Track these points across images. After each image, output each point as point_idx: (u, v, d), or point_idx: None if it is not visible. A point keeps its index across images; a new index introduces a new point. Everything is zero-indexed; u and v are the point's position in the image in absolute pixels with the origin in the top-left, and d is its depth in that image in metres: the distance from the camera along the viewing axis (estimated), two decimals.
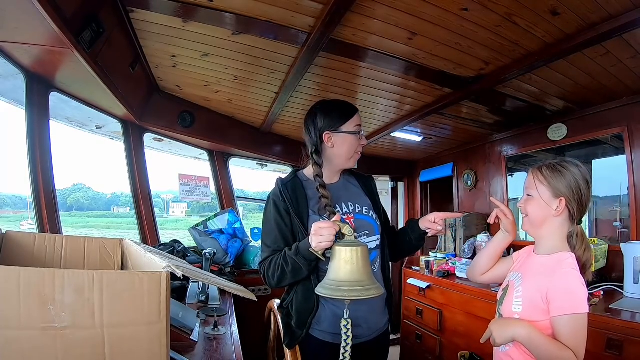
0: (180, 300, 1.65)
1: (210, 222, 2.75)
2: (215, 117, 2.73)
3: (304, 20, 1.48)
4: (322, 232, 0.97)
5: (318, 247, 0.98)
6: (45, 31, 1.26)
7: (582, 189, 0.99)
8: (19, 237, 1.09)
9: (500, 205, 1.14)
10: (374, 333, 1.19)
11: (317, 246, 0.98)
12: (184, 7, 1.44)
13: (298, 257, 1.04)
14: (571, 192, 0.99)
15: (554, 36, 1.48)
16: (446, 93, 2.12)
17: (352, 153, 1.21)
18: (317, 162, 1.19)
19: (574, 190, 0.99)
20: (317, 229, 0.97)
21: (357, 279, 0.91)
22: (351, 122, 1.20)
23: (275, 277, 1.10)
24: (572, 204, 0.99)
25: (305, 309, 1.13)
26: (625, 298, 1.74)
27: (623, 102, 2.05)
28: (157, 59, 1.97)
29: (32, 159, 1.75)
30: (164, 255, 1.08)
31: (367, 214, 1.23)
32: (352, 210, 1.20)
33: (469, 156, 3.23)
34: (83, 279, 0.63)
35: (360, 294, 0.89)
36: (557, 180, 1.00)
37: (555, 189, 1.00)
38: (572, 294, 0.91)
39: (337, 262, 0.94)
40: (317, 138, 1.19)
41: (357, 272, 0.92)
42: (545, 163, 1.05)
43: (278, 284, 1.12)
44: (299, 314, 1.14)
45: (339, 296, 0.90)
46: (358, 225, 1.18)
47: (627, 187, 2.08)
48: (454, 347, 2.26)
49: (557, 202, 1.00)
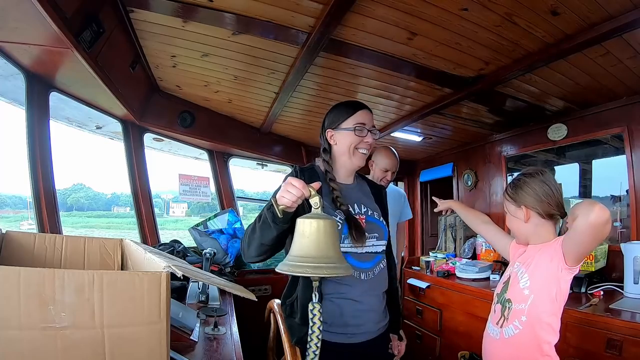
0: (180, 300, 1.65)
1: (210, 222, 2.75)
2: (215, 117, 2.73)
3: (304, 20, 1.48)
4: (289, 189, 0.89)
5: (279, 201, 0.91)
6: (45, 31, 1.26)
7: (538, 191, 1.15)
8: (19, 237, 1.09)
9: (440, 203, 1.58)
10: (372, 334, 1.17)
11: (279, 199, 0.91)
12: (184, 7, 1.44)
13: (268, 210, 0.97)
14: (530, 198, 1.16)
15: (554, 36, 1.48)
16: (446, 93, 2.12)
17: (351, 150, 1.19)
18: (325, 159, 1.21)
19: (532, 196, 1.16)
20: (288, 183, 0.90)
21: (323, 255, 0.82)
22: (352, 118, 1.19)
23: (247, 236, 1.06)
24: (536, 205, 1.15)
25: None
26: (625, 298, 1.74)
27: (623, 102, 2.05)
28: (157, 59, 1.97)
29: (32, 159, 1.75)
30: (164, 255, 1.08)
31: (379, 218, 1.23)
32: (364, 212, 1.20)
33: (469, 156, 3.23)
34: (83, 279, 0.63)
35: (326, 272, 0.81)
36: (517, 193, 1.19)
37: (517, 201, 1.19)
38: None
39: (300, 236, 0.85)
40: (324, 137, 1.23)
41: (323, 247, 0.83)
42: (509, 184, 1.26)
43: (249, 244, 1.06)
44: (304, 308, 1.08)
45: (300, 272, 0.82)
46: (369, 228, 1.16)
47: (627, 187, 2.08)
48: (454, 347, 2.26)
49: (521, 211, 1.18)
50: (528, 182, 1.18)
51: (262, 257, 1.08)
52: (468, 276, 2.36)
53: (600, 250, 2.01)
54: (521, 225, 1.20)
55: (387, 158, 2.16)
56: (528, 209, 1.17)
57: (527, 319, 1.10)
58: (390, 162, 2.17)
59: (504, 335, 1.14)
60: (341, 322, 1.10)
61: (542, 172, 1.18)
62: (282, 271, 0.83)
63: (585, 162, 2.45)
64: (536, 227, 1.18)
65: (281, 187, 0.92)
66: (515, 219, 1.22)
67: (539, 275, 1.12)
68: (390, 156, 2.17)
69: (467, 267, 2.40)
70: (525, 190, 1.18)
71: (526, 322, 1.10)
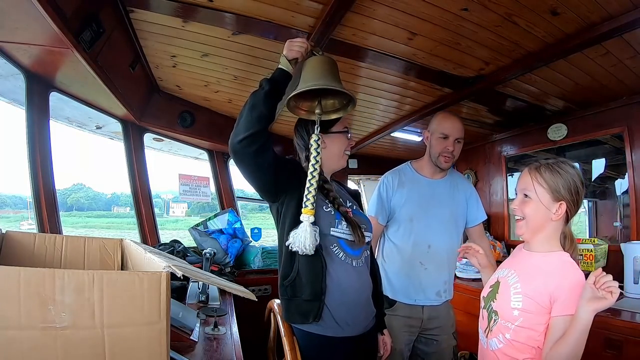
0: (180, 300, 1.65)
1: (210, 222, 2.75)
2: (215, 117, 2.73)
3: (304, 20, 1.48)
4: (294, 43, 1.09)
5: (289, 55, 1.08)
6: (45, 31, 1.26)
7: (579, 191, 0.98)
8: (19, 237, 1.09)
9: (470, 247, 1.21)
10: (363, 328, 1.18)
11: (288, 53, 1.08)
12: (184, 7, 1.44)
13: (266, 81, 1.06)
14: (570, 195, 0.97)
15: (554, 36, 1.48)
16: (446, 93, 2.12)
17: (342, 153, 1.24)
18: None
19: (573, 193, 0.97)
20: (290, 42, 1.10)
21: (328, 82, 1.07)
22: (340, 123, 1.24)
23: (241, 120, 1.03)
24: (571, 206, 0.98)
25: (315, 274, 1.08)
26: (625, 298, 1.74)
27: (623, 102, 2.05)
28: (157, 59, 1.97)
29: (32, 159, 1.75)
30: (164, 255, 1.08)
31: (363, 212, 1.30)
32: (350, 207, 1.23)
33: (469, 156, 3.23)
34: (83, 279, 0.63)
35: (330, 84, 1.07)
36: (557, 182, 0.97)
37: (555, 192, 0.97)
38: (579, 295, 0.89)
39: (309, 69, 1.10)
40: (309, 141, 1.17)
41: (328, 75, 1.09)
42: (542, 163, 1.01)
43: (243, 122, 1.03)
44: (312, 283, 1.08)
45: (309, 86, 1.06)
46: (358, 219, 1.19)
47: (627, 187, 2.08)
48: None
49: (556, 206, 0.97)
50: (572, 174, 0.98)
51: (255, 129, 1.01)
52: (468, 276, 2.37)
53: (600, 250, 2.01)
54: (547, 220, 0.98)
55: (445, 119, 1.61)
56: (567, 206, 0.97)
57: (512, 337, 0.97)
58: (449, 123, 1.58)
59: (489, 347, 1.03)
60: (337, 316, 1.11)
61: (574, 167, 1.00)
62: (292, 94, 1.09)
63: (585, 162, 2.45)
64: (554, 230, 1.00)
65: (285, 47, 1.09)
66: (541, 209, 0.98)
67: (532, 302, 0.95)
68: (448, 117, 1.62)
69: (467, 267, 2.40)
70: (567, 182, 0.97)
71: (510, 339, 0.97)
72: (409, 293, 1.57)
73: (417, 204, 1.57)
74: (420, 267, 1.56)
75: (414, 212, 1.57)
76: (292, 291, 1.11)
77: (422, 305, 1.57)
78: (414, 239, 1.56)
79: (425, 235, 1.56)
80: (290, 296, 1.12)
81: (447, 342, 1.60)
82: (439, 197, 1.61)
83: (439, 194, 1.61)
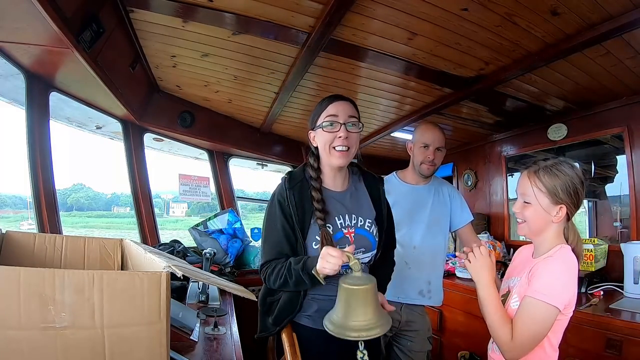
0: (180, 300, 1.65)
1: (210, 222, 2.75)
2: (215, 117, 2.73)
3: (304, 20, 1.48)
4: (328, 259, 0.95)
5: (321, 272, 0.98)
6: (45, 31, 1.26)
7: (579, 191, 0.96)
8: (19, 237, 1.09)
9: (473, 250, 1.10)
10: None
11: (320, 270, 0.98)
12: (184, 7, 1.44)
13: (303, 272, 1.03)
14: (569, 197, 0.96)
15: (554, 36, 1.47)
16: (446, 93, 2.12)
17: (328, 149, 1.11)
18: (312, 165, 1.16)
19: (572, 195, 0.96)
20: (326, 254, 0.96)
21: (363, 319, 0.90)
22: (324, 114, 1.11)
23: (277, 285, 1.11)
24: (571, 208, 0.97)
25: (287, 310, 1.14)
26: (625, 298, 1.74)
27: (623, 102, 2.05)
28: (157, 59, 1.97)
29: (32, 159, 1.75)
30: (164, 255, 1.08)
31: (369, 229, 1.18)
32: (354, 225, 1.16)
33: (469, 156, 3.23)
34: (83, 279, 0.63)
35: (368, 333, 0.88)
36: (555, 186, 0.96)
37: (554, 196, 0.96)
38: (551, 283, 0.90)
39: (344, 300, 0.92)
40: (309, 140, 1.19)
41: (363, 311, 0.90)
42: (540, 166, 1.00)
43: (279, 289, 1.14)
44: (280, 313, 1.15)
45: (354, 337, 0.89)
46: (356, 240, 1.14)
47: (627, 187, 2.08)
48: (454, 347, 2.27)
49: (556, 209, 0.96)
50: (571, 175, 0.96)
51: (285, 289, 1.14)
52: (468, 276, 2.36)
53: (600, 250, 2.01)
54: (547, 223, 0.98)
55: (426, 130, 1.67)
56: (567, 209, 0.96)
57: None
58: (430, 133, 1.65)
59: (495, 353, 1.03)
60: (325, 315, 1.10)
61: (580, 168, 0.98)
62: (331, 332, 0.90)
63: (585, 162, 2.45)
64: (556, 231, 0.99)
65: (320, 257, 0.97)
66: (541, 213, 0.98)
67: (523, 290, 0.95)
68: (428, 127, 1.69)
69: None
70: (566, 185, 0.95)
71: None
72: (392, 290, 1.59)
73: (402, 209, 1.64)
74: (405, 267, 1.63)
75: (399, 217, 1.60)
76: (267, 310, 1.20)
77: (401, 303, 1.63)
78: (400, 241, 1.59)
79: (411, 238, 1.66)
80: (264, 311, 1.21)
81: (422, 345, 1.66)
82: (423, 202, 1.71)
83: (423, 199, 1.71)
